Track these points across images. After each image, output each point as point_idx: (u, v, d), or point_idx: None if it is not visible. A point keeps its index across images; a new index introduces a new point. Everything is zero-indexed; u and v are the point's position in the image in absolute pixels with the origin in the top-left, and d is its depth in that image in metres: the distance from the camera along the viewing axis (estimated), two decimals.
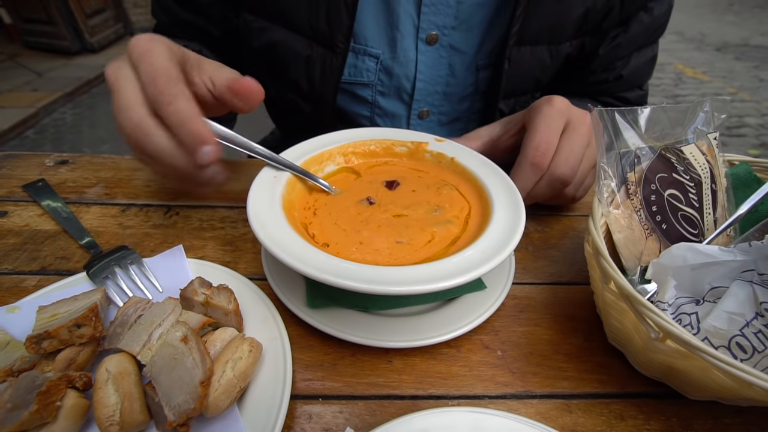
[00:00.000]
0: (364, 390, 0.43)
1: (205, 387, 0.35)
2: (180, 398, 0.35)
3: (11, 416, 0.32)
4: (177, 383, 0.36)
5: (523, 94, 0.84)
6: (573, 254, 0.61)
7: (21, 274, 0.54)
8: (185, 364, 0.37)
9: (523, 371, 0.46)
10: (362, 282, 0.39)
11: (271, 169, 0.55)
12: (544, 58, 0.77)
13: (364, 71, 0.79)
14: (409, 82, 0.80)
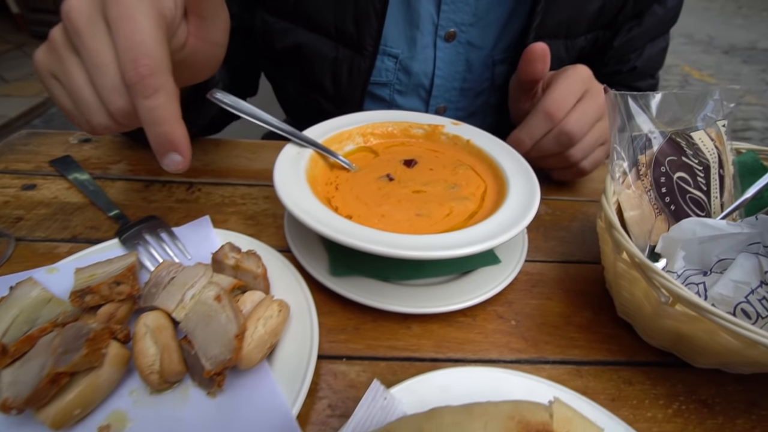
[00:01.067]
0: (385, 352, 0.45)
1: (240, 340, 0.38)
2: (216, 350, 0.37)
3: (64, 359, 0.35)
4: (212, 337, 0.38)
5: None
6: (582, 235, 0.63)
7: (54, 242, 0.56)
8: (219, 320, 0.39)
9: (536, 339, 0.48)
10: (386, 246, 0.41)
11: (294, 146, 0.57)
12: (560, 52, 0.79)
13: (383, 71, 0.81)
14: (428, 79, 0.82)
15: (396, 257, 0.41)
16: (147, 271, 0.49)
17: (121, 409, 0.37)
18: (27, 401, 0.33)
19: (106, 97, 0.39)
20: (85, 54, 0.39)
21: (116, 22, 0.37)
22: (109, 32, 0.38)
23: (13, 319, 0.41)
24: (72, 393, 0.35)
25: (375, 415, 0.36)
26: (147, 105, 0.37)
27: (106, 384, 0.37)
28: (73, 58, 0.40)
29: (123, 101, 0.39)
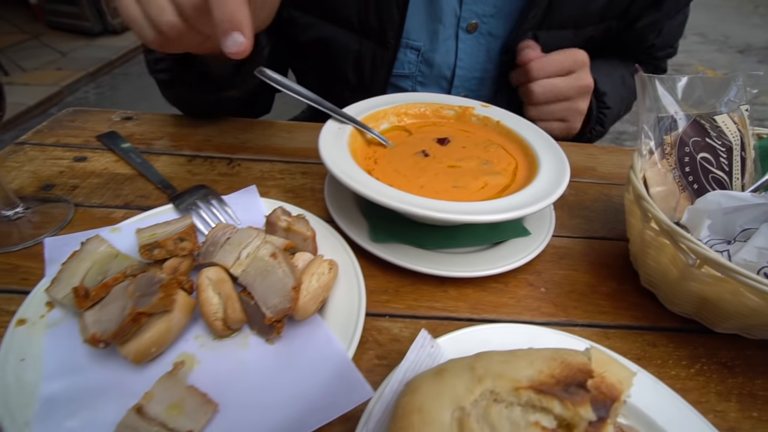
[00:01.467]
0: (424, 312, 0.49)
1: (297, 291, 0.41)
2: (275, 300, 0.41)
3: (142, 301, 0.38)
4: (271, 289, 0.42)
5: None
6: (605, 215, 0.66)
7: (109, 208, 0.60)
8: (277, 274, 0.42)
9: (564, 305, 0.51)
10: (429, 210, 0.45)
11: (335, 122, 0.60)
12: (565, 41, 0.82)
13: (406, 63, 0.83)
14: (449, 70, 0.84)
15: (438, 220, 0.44)
16: (200, 234, 0.53)
17: (189, 352, 0.41)
18: (113, 335, 0.36)
19: None
20: None
21: None
22: None
23: (87, 270, 0.45)
24: (149, 333, 0.38)
25: (423, 360, 0.39)
26: None
27: (177, 327, 0.40)
28: None
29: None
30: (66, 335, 0.40)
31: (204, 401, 0.35)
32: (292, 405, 0.35)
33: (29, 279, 0.49)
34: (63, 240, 0.48)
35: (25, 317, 0.41)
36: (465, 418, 0.30)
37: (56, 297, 0.42)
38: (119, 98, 4.11)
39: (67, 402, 0.35)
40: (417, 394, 0.31)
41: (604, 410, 0.30)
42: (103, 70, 4.52)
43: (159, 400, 0.35)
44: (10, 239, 0.52)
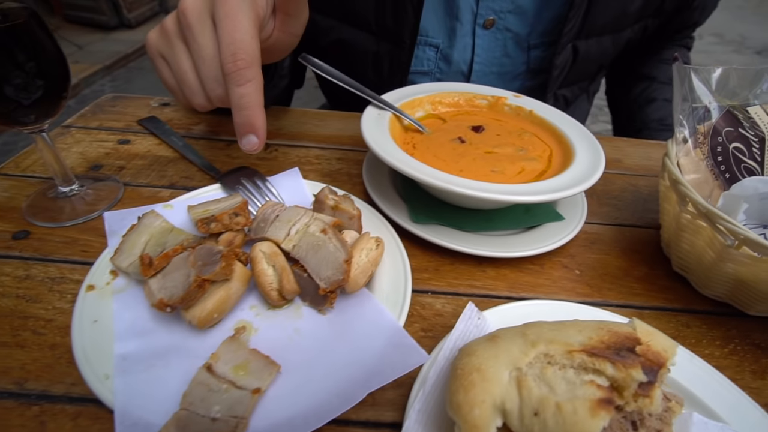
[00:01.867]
0: (465, 290, 0.50)
1: (349, 264, 0.43)
2: (329, 272, 0.43)
3: (206, 269, 0.40)
4: (323, 262, 0.44)
5: (586, 80, 0.90)
6: (634, 204, 0.67)
7: (155, 187, 0.62)
8: (328, 248, 0.45)
9: (599, 286, 0.53)
10: (474, 190, 0.46)
11: (374, 108, 0.62)
12: (608, 46, 0.83)
13: (425, 60, 0.85)
14: (466, 66, 0.86)
15: (483, 200, 0.46)
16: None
17: (246, 320, 0.43)
18: (180, 300, 0.39)
19: (207, 86, 0.48)
20: (194, 46, 0.47)
21: (222, 20, 0.45)
22: (215, 29, 0.46)
23: (146, 242, 0.47)
24: (211, 300, 0.40)
25: (471, 330, 0.41)
26: (239, 92, 0.45)
27: (235, 296, 0.43)
28: (182, 46, 0.49)
29: (221, 90, 0.47)
30: (131, 301, 0.43)
31: (267, 362, 0.37)
32: (349, 369, 0.37)
33: (88, 251, 0.51)
34: (121, 214, 0.51)
35: (93, 283, 0.43)
36: (522, 377, 0.31)
37: (121, 266, 0.44)
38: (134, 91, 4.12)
39: (139, 359, 0.37)
40: (474, 357, 0.33)
41: (652, 374, 0.32)
42: (118, 63, 4.58)
43: (225, 360, 0.37)
44: (66, 214, 0.55)
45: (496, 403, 0.31)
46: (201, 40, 0.46)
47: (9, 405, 0.36)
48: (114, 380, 0.35)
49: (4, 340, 0.41)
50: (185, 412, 0.33)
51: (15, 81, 0.44)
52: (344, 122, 0.81)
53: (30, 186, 0.60)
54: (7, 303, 0.44)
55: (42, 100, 0.48)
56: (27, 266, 0.49)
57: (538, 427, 0.29)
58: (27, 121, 0.49)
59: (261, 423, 0.33)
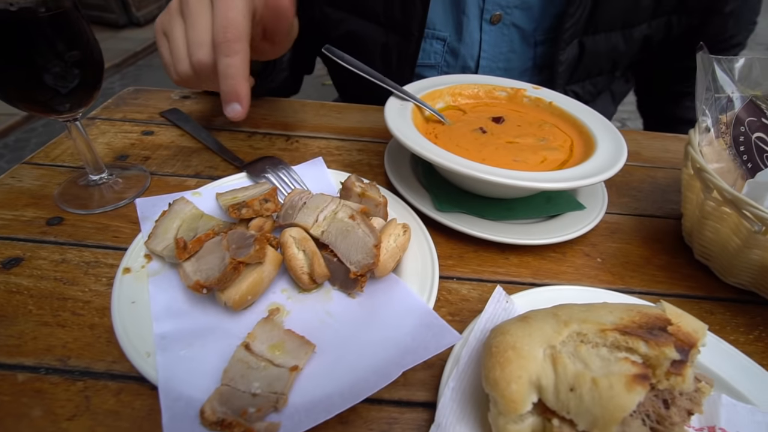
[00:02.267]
0: (489, 276, 0.51)
1: (378, 248, 0.44)
2: (359, 256, 0.44)
3: (240, 252, 0.41)
4: (353, 246, 0.45)
5: (599, 75, 0.89)
6: (653, 195, 0.68)
7: (181, 177, 0.63)
8: (357, 233, 0.45)
9: (621, 274, 0.53)
10: (498, 176, 0.47)
11: (396, 99, 0.63)
12: (618, 42, 0.82)
13: (432, 54, 0.86)
14: (473, 61, 0.86)
15: (508, 186, 0.47)
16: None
17: (278, 302, 0.44)
18: (217, 281, 0.40)
19: (192, 48, 0.52)
20: (190, 19, 0.52)
21: (218, 1, 0.50)
22: (211, 7, 0.51)
23: (178, 227, 0.48)
24: (245, 282, 0.41)
25: (499, 313, 0.42)
26: (225, 62, 0.50)
27: (267, 279, 0.43)
28: (179, 20, 0.54)
29: (203, 54, 0.51)
30: (166, 284, 0.44)
31: (303, 342, 0.38)
32: (383, 348, 0.38)
33: (119, 236, 0.52)
34: (152, 200, 0.52)
35: (129, 266, 0.44)
36: (557, 354, 0.32)
37: (155, 249, 0.46)
38: None
39: (177, 339, 0.38)
40: (508, 335, 0.34)
41: (684, 354, 0.32)
42: (128, 61, 4.61)
43: (261, 340, 0.38)
44: (97, 201, 0.56)
45: (532, 379, 0.31)
46: (196, 14, 0.52)
47: (54, 380, 0.37)
48: (156, 357, 0.36)
49: (45, 320, 0.42)
50: (226, 388, 0.34)
51: (54, 70, 0.45)
52: (363, 115, 0.82)
53: (60, 175, 0.61)
54: (46, 285, 0.46)
55: (78, 89, 0.49)
56: (62, 251, 0.50)
57: (574, 402, 0.30)
58: (62, 109, 0.50)
59: (299, 399, 0.34)
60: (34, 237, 0.51)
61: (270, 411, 0.33)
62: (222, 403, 0.33)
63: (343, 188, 0.52)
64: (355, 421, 0.37)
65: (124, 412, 0.36)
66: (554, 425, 0.31)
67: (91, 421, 0.35)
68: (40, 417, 0.35)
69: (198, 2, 0.52)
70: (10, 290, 0.45)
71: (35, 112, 0.49)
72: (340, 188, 0.53)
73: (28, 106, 0.48)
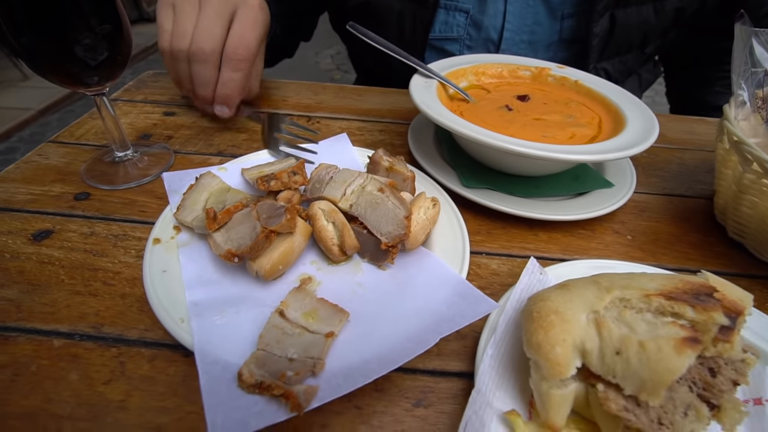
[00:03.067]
0: (518, 251, 0.50)
1: (409, 220, 0.43)
2: (390, 227, 0.43)
3: (271, 221, 0.41)
4: (383, 218, 0.44)
5: (628, 52, 0.87)
6: (680, 176, 0.66)
7: (204, 155, 0.63)
8: (387, 205, 0.45)
9: (652, 251, 0.52)
10: (530, 148, 0.46)
11: (421, 77, 0.62)
12: (649, 15, 0.80)
13: (454, 26, 0.84)
14: (497, 33, 0.85)
15: (545, 158, 0.46)
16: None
17: (308, 273, 0.44)
18: (249, 250, 0.39)
19: (199, 33, 0.59)
20: (206, 6, 0.59)
21: (241, 19, 0.61)
22: (234, 10, 0.61)
23: (206, 200, 0.48)
24: (277, 251, 0.41)
25: (534, 284, 0.41)
26: (229, 75, 0.61)
27: (298, 249, 0.43)
28: (194, 11, 0.60)
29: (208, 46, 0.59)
30: (195, 254, 0.44)
31: (336, 310, 0.38)
32: (417, 317, 0.37)
33: (146, 211, 0.52)
34: (179, 175, 0.52)
35: (159, 237, 0.44)
36: (600, 319, 0.31)
37: (185, 220, 0.45)
38: None
39: (210, 306, 0.38)
40: (548, 302, 0.33)
41: (732, 321, 0.31)
42: (139, 56, 4.64)
43: (294, 307, 0.38)
44: (122, 177, 0.56)
45: (576, 343, 0.31)
46: (214, 6, 0.59)
47: (89, 346, 0.37)
48: (191, 323, 0.36)
49: (78, 289, 0.42)
50: (263, 353, 0.34)
51: (85, 41, 0.45)
52: (382, 97, 0.82)
53: (85, 153, 0.62)
54: (76, 256, 0.46)
55: (107, 62, 0.49)
56: (91, 224, 0.50)
57: (621, 366, 0.29)
58: (90, 82, 0.50)
59: (336, 364, 0.33)
60: (63, 211, 0.51)
61: (308, 375, 0.32)
62: (259, 367, 0.33)
63: (370, 162, 0.52)
64: (390, 389, 0.36)
65: (159, 378, 0.36)
66: (599, 390, 0.30)
67: (126, 385, 0.35)
68: (77, 380, 0.35)
69: (221, 7, 0.60)
70: (42, 261, 0.45)
71: (65, 84, 0.49)
72: (367, 163, 0.52)
73: (59, 78, 0.48)
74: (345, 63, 4.58)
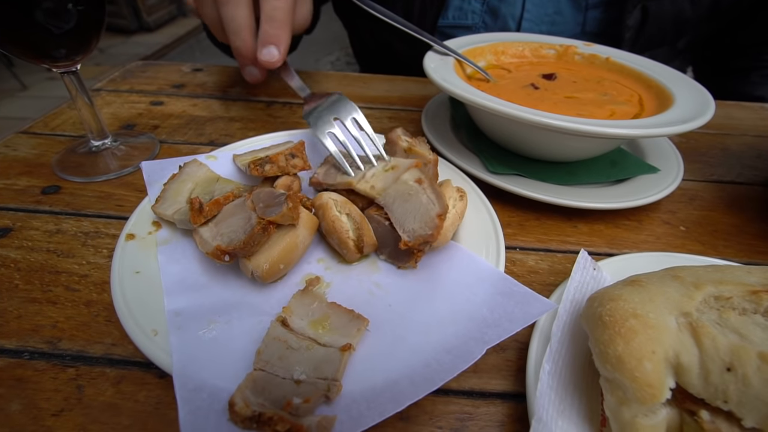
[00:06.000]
0: (557, 246, 0.43)
1: (442, 219, 0.35)
2: (415, 224, 0.36)
3: (270, 211, 0.34)
4: (411, 213, 0.36)
5: (660, 46, 0.81)
6: (727, 162, 0.59)
7: (194, 144, 0.56)
8: (420, 199, 0.37)
9: (713, 243, 0.45)
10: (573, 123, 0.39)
11: (435, 54, 0.55)
12: (685, 7, 0.74)
13: (469, 13, 0.78)
14: (515, 22, 0.78)
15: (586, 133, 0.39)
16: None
17: (315, 274, 0.36)
18: (242, 245, 0.32)
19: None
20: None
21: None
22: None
23: (190, 190, 0.41)
24: (277, 247, 0.34)
25: (588, 282, 0.33)
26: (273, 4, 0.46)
27: (302, 245, 0.36)
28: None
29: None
30: (178, 254, 0.36)
31: (353, 317, 0.31)
32: (454, 324, 0.30)
33: (124, 205, 0.45)
34: (160, 164, 0.45)
35: (133, 233, 0.37)
36: (696, 323, 0.24)
37: (165, 213, 0.38)
38: None
39: (195, 316, 0.31)
40: (621, 302, 0.26)
41: None
42: None
43: (300, 315, 0.31)
44: (99, 169, 0.49)
45: (668, 356, 0.23)
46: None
47: (41, 366, 0.30)
48: (169, 337, 0.28)
49: (34, 296, 0.35)
50: (262, 373, 0.26)
51: (46, 4, 0.38)
52: (390, 84, 0.75)
53: (60, 144, 0.55)
54: (36, 257, 0.38)
55: (74, 32, 0.42)
56: (58, 220, 0.43)
57: (735, 387, 0.22)
58: (57, 55, 0.43)
59: (357, 386, 0.26)
60: (27, 206, 0.44)
61: (321, 402, 0.25)
62: (257, 393, 0.25)
63: (387, 142, 0.45)
64: (419, 416, 0.29)
65: (125, 406, 0.28)
66: (704, 419, 0.23)
67: (82, 417, 0.28)
68: (19, 412, 0.28)
69: None
70: None
71: (28, 58, 0.42)
72: (383, 143, 0.45)
73: (21, 51, 0.41)
74: (345, 68, 4.54)
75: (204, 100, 0.67)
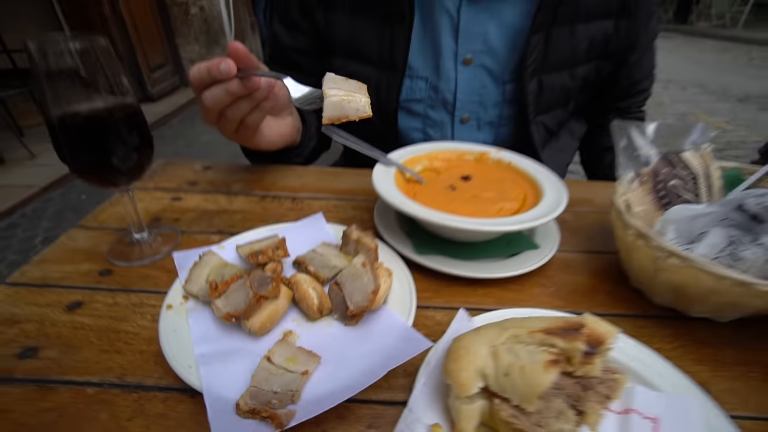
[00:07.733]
0: (459, 304, 0.63)
1: (375, 294, 0.55)
2: (358, 297, 0.55)
3: (260, 289, 0.54)
4: (357, 289, 0.56)
5: (556, 108, 1.07)
6: (601, 235, 0.80)
7: (206, 234, 0.77)
8: (363, 279, 0.57)
9: (571, 299, 0.65)
10: (460, 223, 0.60)
11: (382, 166, 0.78)
12: (566, 80, 1.02)
13: (417, 90, 1.05)
14: (451, 95, 1.05)
15: (470, 230, 0.60)
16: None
17: (290, 328, 0.55)
18: (244, 312, 0.52)
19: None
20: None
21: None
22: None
23: (207, 274, 0.61)
24: (265, 312, 0.53)
25: (462, 330, 0.53)
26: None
27: (282, 310, 0.55)
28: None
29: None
30: (201, 318, 0.55)
31: (310, 355, 0.49)
32: (372, 357, 0.49)
33: (159, 283, 0.65)
34: (186, 254, 0.65)
35: (171, 303, 0.56)
36: (496, 350, 0.43)
37: (191, 290, 0.58)
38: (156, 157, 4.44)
39: (214, 356, 0.49)
40: (461, 340, 0.45)
41: (594, 348, 0.44)
42: None
43: (279, 354, 0.50)
44: (138, 255, 0.69)
45: (478, 368, 0.42)
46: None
47: (115, 392, 0.48)
48: (200, 369, 0.47)
49: (104, 348, 0.53)
50: (254, 388, 0.45)
51: (120, 153, 0.60)
52: (356, 178, 0.97)
53: (106, 235, 0.75)
54: (102, 322, 0.57)
55: (134, 167, 0.63)
56: (113, 296, 0.62)
57: (508, 384, 0.41)
58: (119, 182, 0.64)
59: (309, 395, 0.45)
60: (90, 285, 0.64)
61: (288, 402, 0.43)
62: (252, 399, 0.44)
63: (343, 235, 0.65)
64: (349, 416, 0.47)
65: (171, 415, 0.46)
66: (495, 403, 0.41)
67: (145, 421, 0.46)
68: (107, 419, 0.46)
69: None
70: (75, 327, 0.56)
71: (100, 185, 0.63)
72: (342, 236, 0.66)
73: (97, 181, 0.62)
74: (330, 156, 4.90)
75: (213, 195, 0.89)
